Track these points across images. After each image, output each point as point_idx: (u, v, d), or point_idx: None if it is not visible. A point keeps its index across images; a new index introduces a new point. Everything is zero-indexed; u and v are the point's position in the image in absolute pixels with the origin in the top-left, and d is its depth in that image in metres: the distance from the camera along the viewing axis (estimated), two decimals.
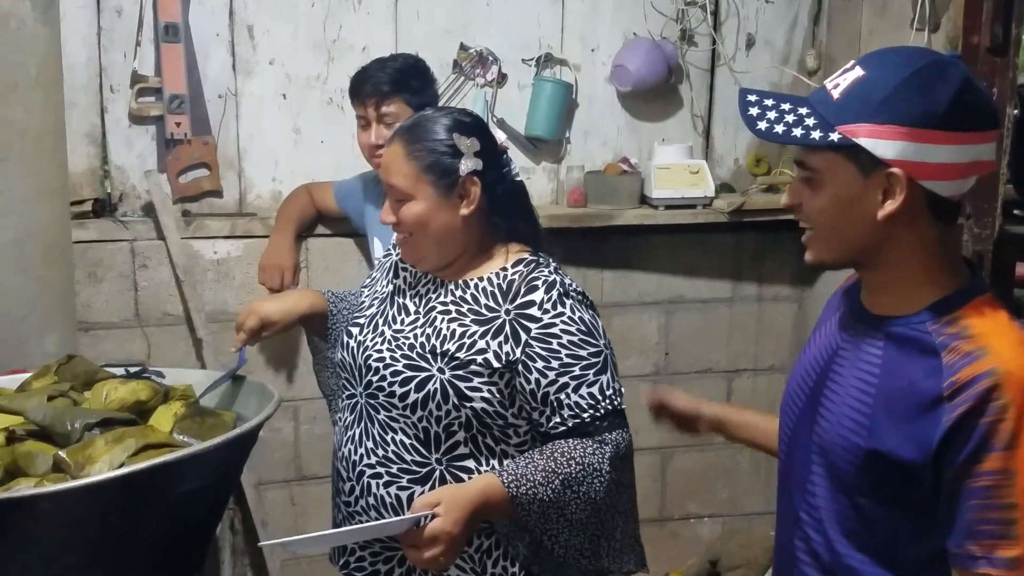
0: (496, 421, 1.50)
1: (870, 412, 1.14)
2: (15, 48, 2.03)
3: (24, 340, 2.11)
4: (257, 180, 2.62)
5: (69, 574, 1.32)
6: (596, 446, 1.45)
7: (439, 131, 1.51)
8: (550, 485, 1.41)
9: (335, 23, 2.59)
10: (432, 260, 1.56)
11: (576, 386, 1.46)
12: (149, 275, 2.53)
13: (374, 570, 1.58)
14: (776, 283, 2.95)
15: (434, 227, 1.51)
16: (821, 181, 1.13)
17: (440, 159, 1.50)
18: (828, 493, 1.20)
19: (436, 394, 1.48)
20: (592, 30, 2.76)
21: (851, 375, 1.18)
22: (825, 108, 1.12)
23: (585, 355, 1.47)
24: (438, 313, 1.54)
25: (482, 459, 1.52)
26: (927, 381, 1.08)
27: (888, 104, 1.07)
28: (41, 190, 2.11)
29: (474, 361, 1.47)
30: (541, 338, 1.46)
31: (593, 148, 2.81)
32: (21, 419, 1.46)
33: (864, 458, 1.13)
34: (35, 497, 1.25)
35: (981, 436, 1.04)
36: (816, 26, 2.89)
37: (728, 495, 3.07)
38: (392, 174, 1.51)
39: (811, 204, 1.15)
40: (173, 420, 1.52)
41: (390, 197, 1.53)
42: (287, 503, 2.72)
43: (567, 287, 1.51)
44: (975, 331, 1.09)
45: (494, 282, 1.53)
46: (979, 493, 1.05)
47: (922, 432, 1.08)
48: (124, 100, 2.48)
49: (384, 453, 1.52)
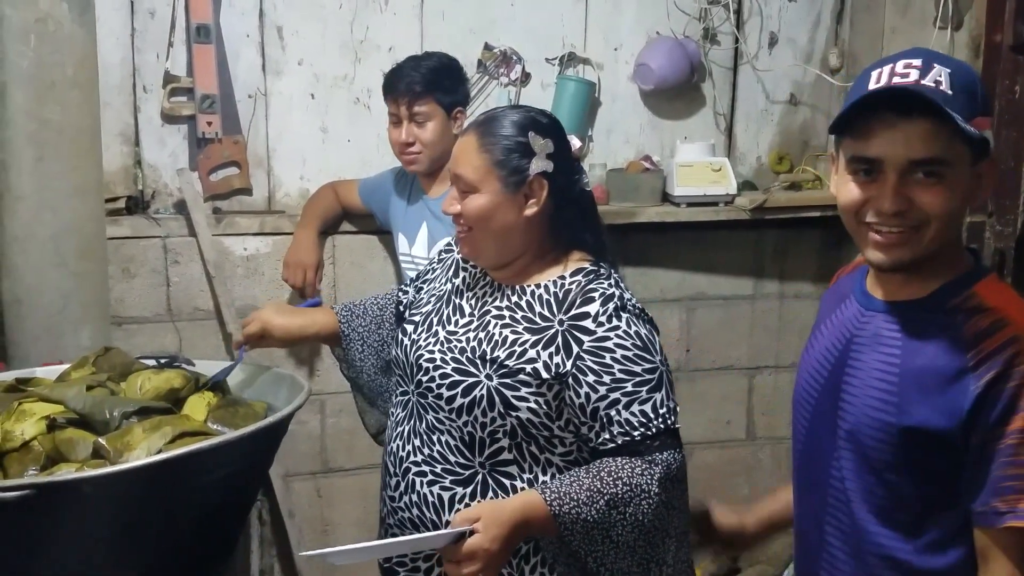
0: (541, 432, 1.47)
1: (897, 391, 1.18)
2: (53, 49, 2.09)
3: (60, 333, 2.16)
4: (285, 178, 2.67)
5: (107, 556, 1.36)
6: (646, 466, 1.40)
7: (514, 127, 1.48)
8: (595, 505, 1.37)
9: (362, 24, 2.63)
10: (489, 257, 1.53)
11: (628, 403, 1.41)
12: (181, 271, 2.58)
13: (414, 566, 1.58)
14: (798, 280, 2.96)
15: (495, 223, 1.48)
16: (944, 175, 1.13)
17: (511, 155, 1.47)
18: (855, 475, 1.23)
19: (482, 400, 1.46)
20: (615, 29, 2.78)
21: (872, 359, 1.22)
22: (946, 100, 1.11)
23: (639, 371, 1.42)
24: (492, 317, 1.52)
25: (525, 466, 1.49)
26: (950, 355, 1.14)
27: (983, 97, 1.15)
28: (77, 187, 2.16)
29: (523, 370, 1.45)
30: (594, 351, 1.42)
31: (615, 146, 2.84)
32: (62, 408, 1.50)
33: (897, 435, 1.17)
34: (77, 481, 1.29)
35: (1008, 399, 1.09)
36: (839, 24, 2.89)
37: (749, 492, 3.08)
38: (461, 164, 1.49)
39: (932, 201, 1.13)
40: (207, 409, 1.56)
41: (456, 188, 1.51)
42: (313, 495, 2.77)
43: (625, 301, 1.47)
44: (991, 304, 1.15)
45: (551, 290, 1.50)
46: (1006, 452, 1.10)
47: (952, 402, 1.12)
48: (157, 100, 2.54)
49: (430, 452, 1.52)
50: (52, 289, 2.14)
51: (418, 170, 2.32)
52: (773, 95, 2.90)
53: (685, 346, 2.94)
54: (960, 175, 1.14)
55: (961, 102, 1.11)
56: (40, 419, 1.47)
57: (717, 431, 3.02)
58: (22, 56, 2.06)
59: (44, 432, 1.46)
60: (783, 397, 3.04)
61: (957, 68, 1.15)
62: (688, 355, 2.95)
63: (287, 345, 1.77)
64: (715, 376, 2.97)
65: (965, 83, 1.14)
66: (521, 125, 1.49)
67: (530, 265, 1.54)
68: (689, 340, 2.95)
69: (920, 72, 1.13)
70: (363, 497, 2.78)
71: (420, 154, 2.27)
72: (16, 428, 1.45)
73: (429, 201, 2.35)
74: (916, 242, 1.16)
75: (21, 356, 2.13)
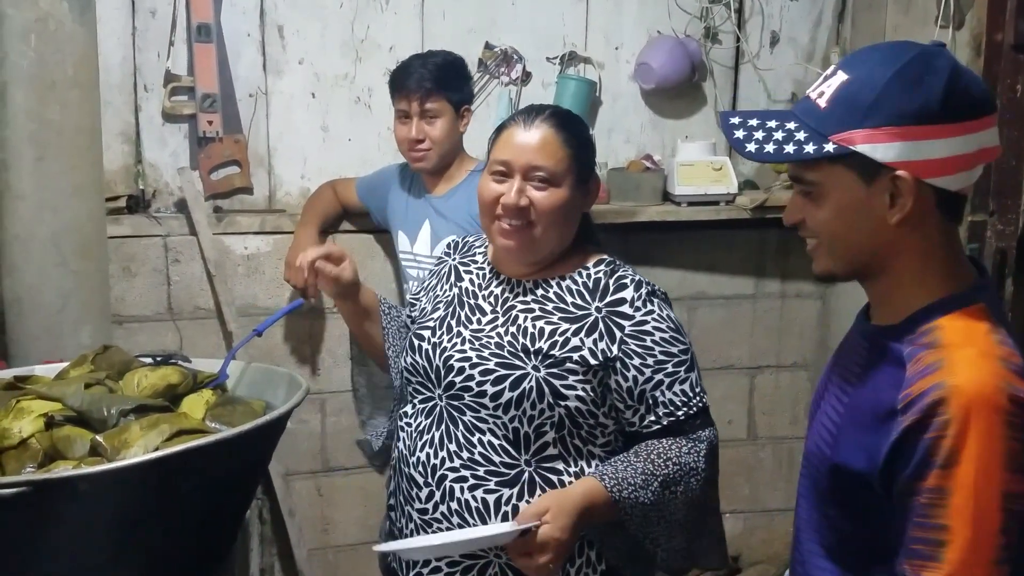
0: (587, 420, 1.49)
1: (839, 423, 1.12)
2: (53, 48, 2.09)
3: (60, 332, 2.16)
4: (286, 177, 2.67)
5: (104, 554, 1.36)
6: (691, 444, 1.46)
7: (583, 126, 1.56)
8: (650, 487, 1.42)
9: (363, 23, 2.63)
10: (542, 251, 1.52)
11: (670, 383, 1.47)
12: (181, 270, 2.58)
13: (436, 566, 1.54)
14: (799, 279, 2.96)
15: (565, 218, 1.50)
16: (822, 194, 1.08)
17: (589, 153, 1.55)
18: (808, 503, 1.18)
19: (531, 392, 1.45)
20: (616, 28, 2.78)
21: (837, 386, 1.16)
22: (813, 119, 1.06)
23: (676, 352, 1.48)
24: (519, 312, 1.52)
25: (570, 460, 1.50)
26: (889, 392, 1.04)
27: (879, 105, 1.02)
28: (77, 186, 2.16)
29: (570, 358, 1.46)
30: (635, 335, 1.47)
31: (616, 145, 2.84)
32: (60, 405, 1.50)
33: (828, 471, 1.11)
34: (74, 478, 1.29)
35: (924, 452, 0.99)
36: (840, 23, 2.89)
37: (750, 491, 3.08)
38: (543, 156, 1.48)
39: (815, 218, 1.10)
40: (205, 407, 1.56)
41: (525, 180, 1.48)
42: (314, 493, 2.77)
43: (652, 287, 1.52)
44: (944, 341, 1.03)
45: (579, 280, 1.52)
46: (918, 510, 1.00)
47: (874, 444, 1.04)
48: (157, 99, 2.54)
49: (470, 455, 1.49)
50: (53, 288, 2.14)
51: (425, 167, 2.31)
52: (775, 94, 2.90)
53: None
54: (845, 194, 1.06)
55: (843, 116, 1.04)
56: (38, 416, 1.47)
57: (718, 430, 3.01)
58: (22, 55, 2.06)
59: (42, 430, 1.46)
60: (784, 397, 3.04)
61: (868, 74, 1.04)
62: None
63: (347, 295, 1.66)
64: (716, 376, 2.96)
65: (858, 91, 1.03)
66: (586, 125, 1.57)
67: (555, 260, 1.56)
68: (690, 340, 2.93)
69: (829, 81, 1.07)
70: (363, 496, 2.78)
71: (429, 151, 2.27)
72: (14, 425, 1.45)
73: (433, 199, 2.34)
74: (824, 256, 1.12)
75: (22, 355, 2.13)
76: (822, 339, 2.99)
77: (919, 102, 1.02)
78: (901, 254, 1.08)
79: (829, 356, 1.24)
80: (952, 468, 0.97)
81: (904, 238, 1.07)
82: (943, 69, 1.03)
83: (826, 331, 2.98)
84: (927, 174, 1.04)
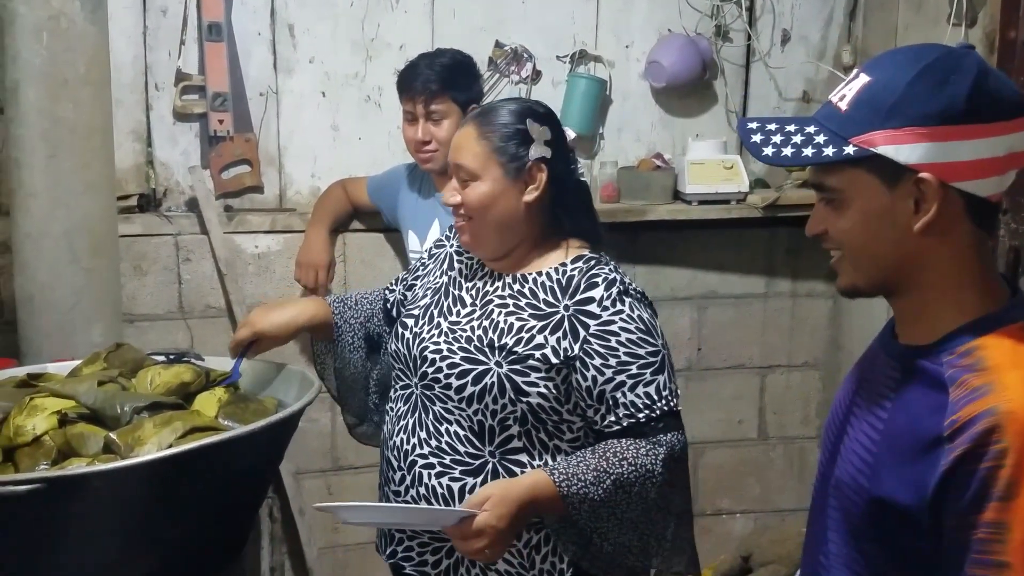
0: (551, 417, 1.50)
1: (876, 452, 1.04)
2: (65, 46, 2.09)
3: (72, 330, 2.16)
4: (296, 176, 2.68)
5: (116, 551, 1.36)
6: (650, 447, 1.45)
7: (512, 116, 1.52)
8: (601, 485, 1.41)
9: (373, 22, 2.63)
10: (490, 246, 1.56)
11: (632, 385, 1.46)
12: (192, 268, 2.59)
13: (422, 560, 1.59)
14: (811, 279, 2.95)
15: (497, 210, 1.51)
16: (844, 200, 1.03)
17: (511, 142, 1.51)
18: (840, 537, 1.11)
19: (493, 388, 1.48)
20: (626, 26, 2.78)
21: (867, 410, 1.09)
22: (834, 122, 1.02)
23: (643, 354, 1.47)
24: (495, 306, 1.54)
25: (535, 453, 1.52)
26: (931, 419, 0.97)
27: (902, 105, 0.98)
28: (89, 184, 2.16)
29: (532, 356, 1.47)
30: (599, 335, 1.46)
31: (626, 143, 2.83)
32: (73, 403, 1.50)
33: (868, 504, 1.04)
34: (88, 475, 1.29)
35: (980, 483, 0.92)
36: (852, 21, 2.88)
37: (760, 491, 3.07)
38: (461, 154, 1.52)
39: (837, 226, 1.04)
40: (218, 405, 1.56)
41: (456, 178, 1.54)
42: (324, 492, 2.77)
43: (627, 286, 1.51)
44: (990, 363, 0.96)
45: (553, 277, 1.53)
46: (975, 546, 0.93)
47: (920, 475, 0.97)
48: (168, 98, 2.54)
49: (438, 444, 1.53)
50: (64, 286, 2.15)
51: (433, 168, 2.31)
52: (786, 92, 2.89)
53: (696, 345, 2.93)
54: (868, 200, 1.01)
55: (864, 118, 1.00)
56: (51, 414, 1.47)
57: (728, 430, 3.00)
58: (35, 54, 2.06)
59: (55, 427, 1.46)
60: (795, 396, 3.03)
61: (891, 75, 1.00)
62: (699, 354, 2.94)
63: (283, 341, 1.76)
64: (726, 375, 2.96)
65: (880, 92, 1.00)
66: (518, 113, 1.52)
67: (529, 253, 1.57)
68: (700, 339, 2.94)
69: (851, 84, 1.03)
70: (373, 494, 2.75)
71: (436, 152, 2.27)
72: (27, 423, 1.45)
73: (442, 198, 2.34)
74: (849, 269, 1.07)
75: (33, 352, 2.14)
76: (834, 338, 2.98)
77: (944, 102, 0.97)
78: (930, 266, 1.02)
79: (839, 355, 1.20)
80: (1012, 500, 0.91)
81: (932, 248, 1.01)
82: (970, 68, 0.98)
83: (838, 331, 2.97)
84: (953, 177, 0.98)
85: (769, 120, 1.08)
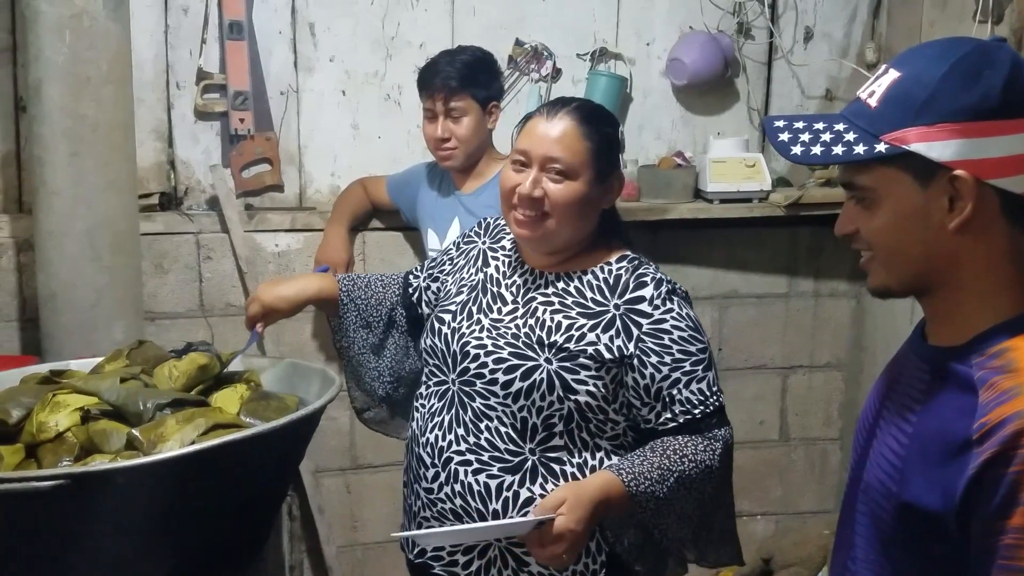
0: (596, 416, 1.51)
1: (904, 455, 1.02)
2: (88, 45, 2.10)
3: (94, 327, 2.17)
4: (316, 175, 2.68)
5: (139, 547, 1.36)
6: (707, 443, 1.49)
7: (610, 123, 1.55)
8: (666, 483, 1.44)
9: (393, 20, 2.63)
10: (556, 244, 1.54)
11: (687, 382, 1.48)
12: (213, 267, 2.59)
13: (452, 560, 1.57)
14: (833, 278, 2.92)
15: (580, 212, 1.50)
16: (875, 199, 1.01)
17: (612, 149, 1.53)
18: (867, 542, 1.09)
19: (541, 384, 1.47)
20: (647, 24, 2.76)
21: (896, 413, 1.07)
22: (864, 119, 1.00)
23: (694, 351, 1.49)
24: (539, 304, 1.53)
25: (575, 451, 1.51)
26: (960, 421, 0.95)
27: (934, 101, 0.96)
28: (111, 182, 2.17)
29: (584, 352, 1.47)
30: (653, 333, 1.48)
31: (647, 142, 2.82)
32: (96, 399, 1.50)
33: (896, 509, 1.01)
34: (111, 472, 1.29)
35: (1009, 488, 0.89)
36: (876, 19, 2.85)
37: (782, 493, 3.05)
38: (560, 148, 1.48)
39: (869, 226, 1.02)
40: (239, 402, 1.56)
41: (542, 171, 1.49)
42: (343, 491, 2.77)
43: (673, 285, 1.53)
44: (1020, 365, 0.94)
45: (600, 276, 1.53)
46: (1003, 552, 0.90)
47: (948, 479, 0.95)
48: (190, 96, 2.55)
49: (476, 440, 1.52)
50: (86, 284, 2.15)
51: (453, 166, 2.31)
52: (808, 90, 2.86)
53: (717, 345, 2.91)
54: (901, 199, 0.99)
55: (895, 114, 0.98)
56: (74, 410, 1.47)
57: (750, 431, 2.98)
58: (57, 52, 2.07)
59: (78, 423, 1.46)
60: (817, 397, 3.00)
61: (922, 70, 0.98)
62: (720, 354, 2.91)
63: (292, 312, 1.77)
64: (748, 376, 2.93)
65: (911, 88, 0.97)
66: (614, 122, 1.56)
67: (579, 253, 1.57)
68: (721, 339, 2.91)
69: (880, 80, 1.01)
70: (392, 493, 2.77)
71: (455, 150, 2.26)
72: (50, 419, 1.45)
73: (462, 196, 2.34)
74: (880, 269, 1.04)
75: (55, 350, 2.15)
76: (856, 339, 2.95)
77: (977, 97, 0.95)
78: (964, 266, 1.00)
79: (862, 356, 1.17)
80: None
81: (967, 248, 0.99)
82: (1003, 62, 0.96)
83: (861, 331, 2.94)
84: (988, 174, 0.96)
85: (796, 118, 1.06)
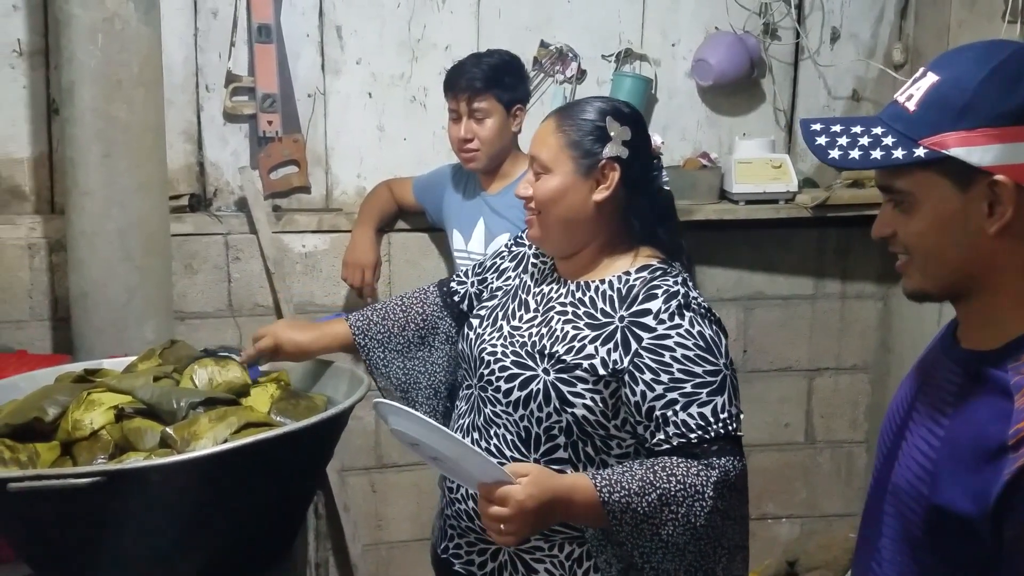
0: (597, 431, 1.45)
1: (936, 459, 1.01)
2: (119, 47, 2.12)
3: (125, 326, 2.20)
4: (343, 176, 2.70)
5: (171, 543, 1.38)
6: (701, 468, 1.35)
7: (594, 112, 1.49)
8: (646, 497, 1.32)
9: (419, 23, 2.64)
10: (555, 242, 1.52)
11: (686, 404, 1.37)
12: (241, 267, 2.62)
13: (469, 559, 1.59)
14: (860, 280, 2.90)
15: (564, 205, 1.48)
16: (914, 203, 1.00)
17: (586, 137, 1.47)
18: (894, 544, 1.08)
19: (538, 395, 1.45)
20: (673, 24, 2.76)
21: (927, 416, 1.06)
22: (902, 123, 1.00)
23: (700, 372, 1.38)
24: (556, 313, 1.51)
25: (580, 466, 1.46)
26: (995, 426, 0.94)
27: (973, 106, 0.96)
28: (142, 184, 2.19)
29: (580, 366, 1.43)
30: (652, 349, 1.39)
31: (672, 143, 2.81)
32: (129, 398, 1.52)
33: (927, 512, 1.01)
34: (146, 469, 1.31)
35: None
36: (903, 19, 2.83)
37: (807, 496, 3.03)
38: (537, 145, 1.51)
39: (907, 230, 1.02)
40: (270, 401, 1.58)
41: (531, 171, 1.53)
42: (368, 490, 2.79)
43: (690, 299, 1.43)
44: None
45: (615, 286, 1.48)
46: None
47: (982, 484, 0.94)
48: (219, 99, 2.58)
49: (486, 446, 1.51)
50: (118, 283, 2.18)
51: (476, 167, 2.32)
52: (835, 91, 2.85)
53: (742, 347, 2.90)
54: (939, 203, 0.99)
55: (934, 119, 0.97)
56: (108, 409, 1.50)
57: (775, 434, 2.97)
58: (90, 55, 2.10)
59: (112, 421, 1.49)
60: (843, 400, 2.99)
61: (961, 74, 0.98)
62: (745, 356, 2.91)
63: (299, 359, 1.74)
64: (773, 378, 2.92)
65: (950, 92, 0.97)
66: (600, 110, 1.49)
67: (597, 258, 1.53)
68: (746, 341, 2.90)
69: (919, 83, 1.01)
70: (417, 493, 2.79)
71: (479, 151, 2.27)
72: (85, 417, 1.48)
73: (488, 197, 2.34)
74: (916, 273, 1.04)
75: (87, 348, 2.18)
76: (883, 341, 2.93)
77: (1017, 101, 0.95)
78: (1002, 270, 0.99)
79: (889, 358, 1.15)
80: None
81: (1005, 252, 0.99)
82: None
83: (888, 333, 2.92)
84: None
85: (833, 121, 1.05)
